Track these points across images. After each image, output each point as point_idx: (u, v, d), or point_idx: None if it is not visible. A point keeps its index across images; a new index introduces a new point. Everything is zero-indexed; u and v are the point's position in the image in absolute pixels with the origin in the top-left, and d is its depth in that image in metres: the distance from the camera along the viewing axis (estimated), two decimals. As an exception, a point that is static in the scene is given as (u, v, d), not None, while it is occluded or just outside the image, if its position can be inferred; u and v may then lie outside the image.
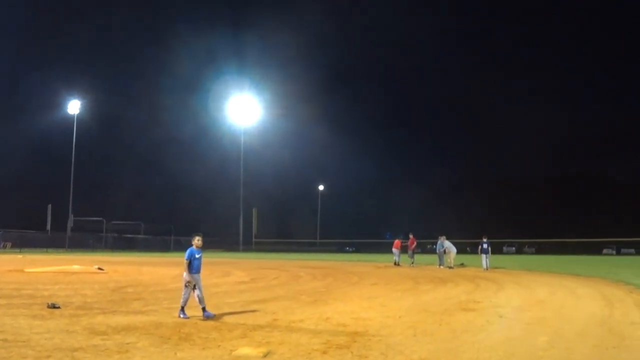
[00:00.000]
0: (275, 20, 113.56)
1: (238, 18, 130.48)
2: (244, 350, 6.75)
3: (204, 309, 9.41)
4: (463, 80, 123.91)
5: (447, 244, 30.73)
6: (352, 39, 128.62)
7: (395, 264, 32.21)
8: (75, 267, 22.78)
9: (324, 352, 6.77)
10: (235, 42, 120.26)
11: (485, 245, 27.94)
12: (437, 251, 31.42)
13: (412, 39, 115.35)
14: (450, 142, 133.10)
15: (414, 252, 33.22)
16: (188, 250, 9.54)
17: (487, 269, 26.86)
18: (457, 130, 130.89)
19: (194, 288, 9.43)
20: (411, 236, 33.42)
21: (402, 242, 34.03)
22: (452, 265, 29.91)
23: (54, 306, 10.39)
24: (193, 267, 9.45)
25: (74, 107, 74.65)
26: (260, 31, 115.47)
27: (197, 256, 9.52)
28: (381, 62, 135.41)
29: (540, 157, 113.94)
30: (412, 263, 32.30)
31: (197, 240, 9.65)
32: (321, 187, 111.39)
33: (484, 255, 27.95)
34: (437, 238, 33.01)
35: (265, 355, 6.54)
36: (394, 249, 33.33)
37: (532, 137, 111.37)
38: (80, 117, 75.70)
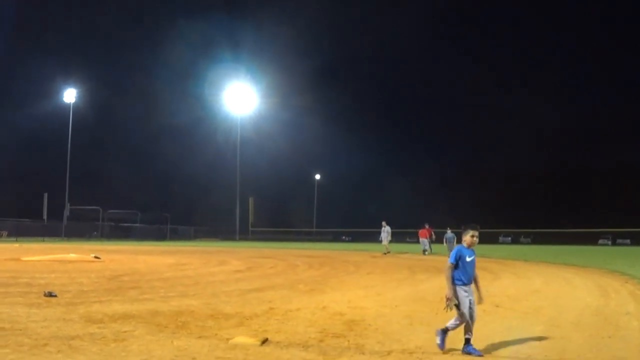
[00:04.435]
0: (271, 9, 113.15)
1: (234, 6, 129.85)
2: (241, 339, 6.76)
3: (466, 341, 6.48)
4: (458, 73, 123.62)
5: (387, 229, 32.73)
6: (348, 29, 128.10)
7: (424, 252, 32.63)
8: (72, 256, 22.76)
9: (321, 341, 6.79)
10: (231, 31, 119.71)
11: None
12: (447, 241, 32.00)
13: (405, 30, 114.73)
14: (447, 133, 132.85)
15: (430, 242, 33.66)
16: (455, 250, 6.73)
17: None
18: (454, 121, 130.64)
19: (457, 306, 6.51)
20: (427, 226, 33.70)
21: (430, 231, 34.18)
22: (389, 251, 31.98)
23: (50, 294, 10.39)
24: (464, 274, 6.54)
25: (69, 95, 74.43)
26: (256, 20, 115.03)
27: (468, 259, 6.62)
28: (377, 52, 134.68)
29: (536, 148, 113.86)
30: (429, 252, 32.67)
31: (471, 236, 6.75)
32: (318, 177, 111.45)
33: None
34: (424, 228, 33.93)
35: (261, 344, 6.55)
36: (421, 239, 33.64)
37: (529, 128, 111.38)
38: (76, 105, 75.52)
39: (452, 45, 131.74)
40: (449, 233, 29.41)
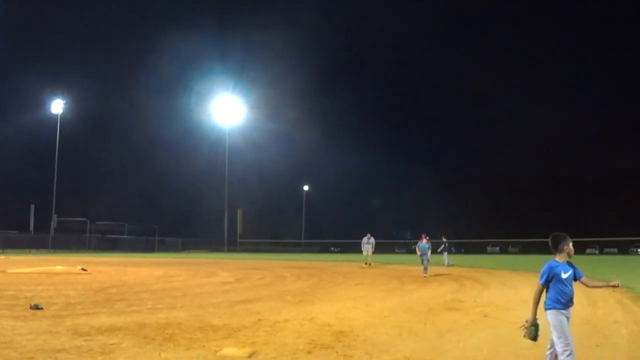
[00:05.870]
0: (260, 19, 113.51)
1: (223, 17, 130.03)
2: (229, 351, 6.73)
3: None
4: (450, 81, 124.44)
5: (372, 240, 32.23)
6: (338, 39, 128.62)
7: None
8: (59, 268, 22.59)
9: (309, 352, 6.77)
10: (220, 42, 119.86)
11: (446, 244, 32.29)
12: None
13: (400, 37, 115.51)
14: (435, 142, 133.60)
15: (443, 251, 33.78)
16: (545, 268, 5.48)
17: (448, 265, 29.98)
18: (442, 131, 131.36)
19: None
20: (423, 236, 33.80)
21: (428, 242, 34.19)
22: (369, 263, 31.34)
23: (36, 307, 10.29)
24: (561, 295, 5.41)
25: (57, 106, 74.05)
26: (246, 31, 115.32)
27: (564, 275, 5.39)
28: (368, 61, 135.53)
29: (523, 157, 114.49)
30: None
31: (573, 245, 5.61)
32: (306, 188, 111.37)
33: (445, 253, 31.73)
34: (421, 238, 33.79)
35: (250, 356, 6.52)
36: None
37: (516, 137, 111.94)
38: (64, 117, 75.11)
39: (447, 50, 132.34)
40: (424, 243, 24.78)
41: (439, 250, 31.82)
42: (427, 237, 25.01)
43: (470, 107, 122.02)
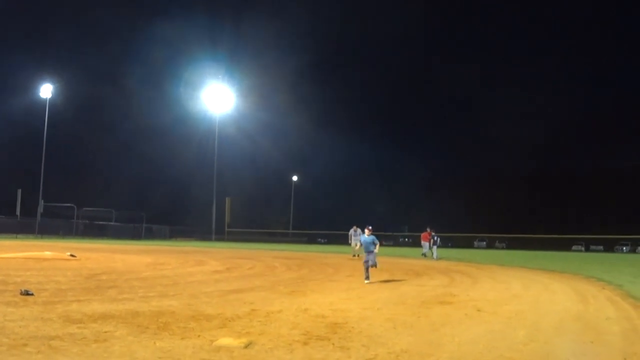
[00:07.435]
0: (250, 7, 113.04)
1: (213, 4, 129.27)
2: (225, 341, 6.69)
3: None
4: (439, 75, 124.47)
5: (359, 232, 31.88)
6: (329, 28, 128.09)
7: (423, 255, 33.31)
8: (47, 254, 22.44)
9: (305, 343, 6.73)
10: (210, 29, 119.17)
11: (435, 238, 32.04)
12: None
13: (392, 29, 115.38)
14: (425, 136, 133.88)
15: (432, 245, 33.93)
16: None
17: (437, 259, 30.33)
18: (431, 125, 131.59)
19: None
20: (428, 230, 34.00)
21: (430, 235, 34.31)
22: (357, 255, 30.76)
23: (27, 293, 10.20)
24: None
25: (46, 91, 73.40)
26: (236, 18, 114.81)
27: None
28: (359, 52, 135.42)
29: (511, 154, 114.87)
30: (429, 255, 33.01)
31: None
32: (295, 178, 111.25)
33: (434, 247, 31.85)
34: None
35: (246, 346, 6.48)
36: (422, 242, 33.96)
37: (503, 133, 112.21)
38: (53, 102, 74.49)
39: (438, 43, 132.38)
40: (367, 236, 16.99)
41: (430, 244, 32.33)
42: (370, 228, 17.88)
43: (459, 103, 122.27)
